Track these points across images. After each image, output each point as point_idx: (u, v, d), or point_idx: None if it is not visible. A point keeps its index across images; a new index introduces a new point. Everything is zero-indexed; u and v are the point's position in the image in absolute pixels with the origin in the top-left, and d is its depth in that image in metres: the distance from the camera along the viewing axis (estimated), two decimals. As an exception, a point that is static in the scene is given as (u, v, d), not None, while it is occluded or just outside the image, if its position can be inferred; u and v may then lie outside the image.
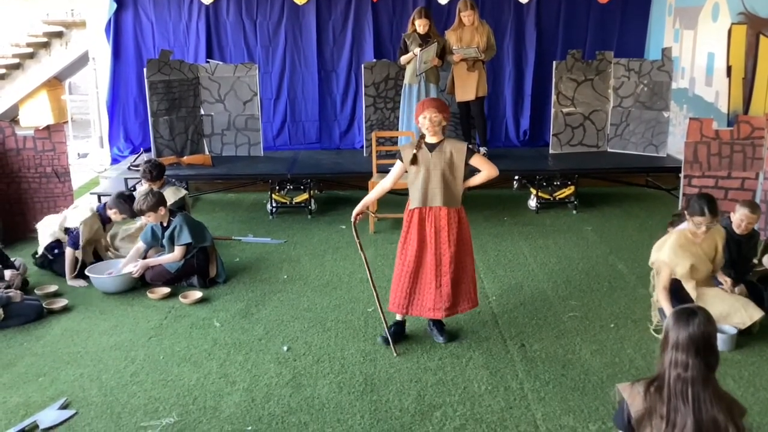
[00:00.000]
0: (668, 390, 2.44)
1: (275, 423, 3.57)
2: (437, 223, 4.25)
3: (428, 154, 4.21)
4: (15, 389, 3.92)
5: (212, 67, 8.21)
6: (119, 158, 9.02)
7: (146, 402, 3.77)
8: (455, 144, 4.26)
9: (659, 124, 7.86)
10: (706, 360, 2.46)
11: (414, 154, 4.19)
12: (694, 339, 2.44)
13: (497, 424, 3.53)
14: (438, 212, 4.25)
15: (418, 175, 4.23)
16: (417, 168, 4.21)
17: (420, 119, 4.18)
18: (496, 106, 9.22)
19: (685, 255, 4.39)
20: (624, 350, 4.30)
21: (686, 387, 2.43)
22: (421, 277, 4.32)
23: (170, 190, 6.13)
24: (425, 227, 4.28)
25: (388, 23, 9.08)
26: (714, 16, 7.46)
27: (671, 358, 2.46)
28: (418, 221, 4.28)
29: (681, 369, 2.44)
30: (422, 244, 4.28)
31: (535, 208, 7.38)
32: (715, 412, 2.40)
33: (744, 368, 4.06)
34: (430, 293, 4.31)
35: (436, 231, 4.26)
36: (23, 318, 4.75)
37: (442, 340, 4.42)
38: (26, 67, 12.02)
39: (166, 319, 4.84)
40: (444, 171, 4.19)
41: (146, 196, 5.31)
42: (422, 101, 4.27)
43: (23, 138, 6.50)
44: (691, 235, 4.45)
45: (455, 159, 4.20)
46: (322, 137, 9.33)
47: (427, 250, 4.28)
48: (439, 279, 4.28)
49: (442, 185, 4.20)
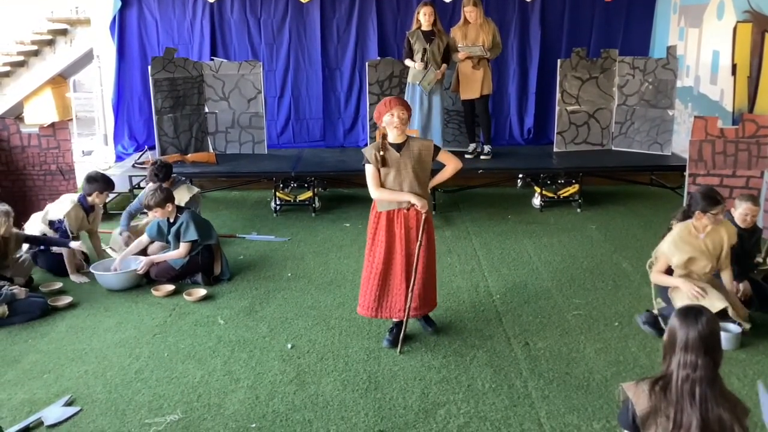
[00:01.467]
0: (676, 390, 2.43)
1: (279, 420, 3.57)
2: (407, 223, 4.19)
3: (396, 154, 4.10)
4: (20, 386, 3.94)
5: (216, 65, 8.22)
6: (124, 156, 9.03)
7: (151, 399, 3.78)
8: (422, 142, 4.20)
9: (664, 122, 7.85)
10: (714, 358, 2.45)
11: (382, 156, 4.07)
12: (704, 338, 2.43)
13: (501, 422, 3.53)
14: (407, 213, 4.18)
15: (387, 178, 4.11)
16: (386, 170, 4.09)
17: (387, 117, 4.04)
18: (500, 104, 9.20)
19: (684, 247, 4.39)
20: (628, 348, 4.30)
21: (694, 387, 2.42)
22: (391, 279, 4.26)
23: (183, 188, 6.17)
24: (394, 228, 4.20)
25: (392, 21, 9.08)
26: (719, 14, 7.44)
27: (680, 360, 2.44)
28: (387, 222, 4.19)
29: (690, 369, 2.42)
30: (391, 245, 4.21)
31: (540, 207, 7.37)
32: (720, 412, 2.40)
33: (749, 367, 4.05)
34: (399, 294, 4.25)
35: (406, 231, 4.19)
36: (28, 315, 4.77)
37: (431, 330, 4.48)
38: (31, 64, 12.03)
39: (170, 317, 4.85)
40: (415, 170, 4.11)
41: (155, 192, 5.33)
42: (388, 99, 4.11)
43: (28, 135, 6.52)
44: (695, 229, 4.44)
45: (424, 157, 4.13)
46: (326, 135, 9.33)
47: (396, 251, 4.21)
48: (410, 279, 4.21)
49: (414, 185, 4.11)
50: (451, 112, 8.21)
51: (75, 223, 5.57)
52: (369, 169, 4.15)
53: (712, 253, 4.45)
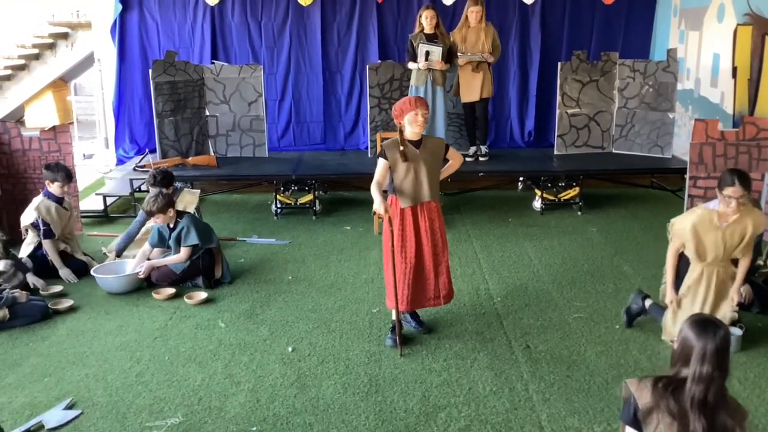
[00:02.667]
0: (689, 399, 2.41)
1: (280, 423, 3.57)
2: (430, 215, 4.37)
3: (415, 151, 4.29)
4: (21, 389, 3.94)
5: (217, 68, 8.23)
6: (124, 159, 9.03)
7: (151, 402, 3.78)
8: (434, 139, 4.54)
9: (664, 125, 7.85)
10: (726, 370, 2.44)
11: (402, 151, 4.24)
12: (720, 352, 2.41)
13: (502, 426, 3.53)
14: (429, 206, 4.36)
15: (408, 174, 4.28)
16: (407, 166, 4.26)
17: (411, 116, 4.21)
18: (501, 106, 9.20)
19: (697, 236, 4.23)
20: (629, 351, 4.30)
21: (706, 397, 2.40)
22: (423, 272, 4.40)
23: (187, 193, 6.18)
24: (419, 223, 4.35)
25: (393, 24, 9.08)
26: (719, 17, 7.44)
27: (695, 371, 2.41)
28: (412, 218, 4.33)
29: (705, 382, 2.40)
30: (420, 239, 4.36)
31: (540, 209, 7.37)
32: (725, 419, 2.40)
33: (749, 370, 4.05)
34: (430, 284, 4.42)
35: (430, 223, 4.37)
36: (29, 318, 4.77)
37: (422, 330, 4.53)
38: (32, 68, 12.03)
39: (171, 320, 4.85)
40: (431, 166, 4.32)
41: (156, 198, 5.33)
42: (411, 98, 4.32)
43: (29, 139, 6.52)
44: (717, 219, 4.21)
45: (437, 154, 4.38)
46: (327, 138, 9.33)
47: (425, 243, 4.36)
48: (437, 268, 4.40)
49: (430, 180, 4.30)
50: (452, 115, 8.21)
51: (48, 215, 5.50)
52: (380, 163, 4.31)
53: (729, 245, 4.23)
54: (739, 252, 4.31)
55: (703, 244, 4.28)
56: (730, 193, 4.11)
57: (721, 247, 4.25)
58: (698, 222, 4.26)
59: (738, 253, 4.31)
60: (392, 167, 4.27)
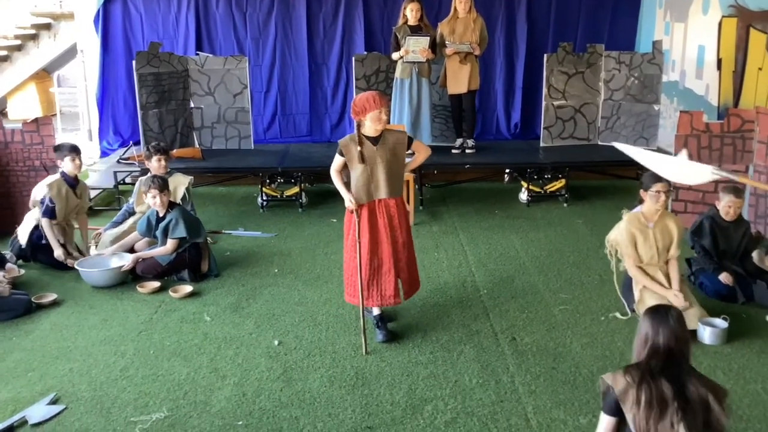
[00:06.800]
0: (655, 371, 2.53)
1: (266, 417, 3.56)
2: (388, 212, 4.33)
3: (372, 148, 4.25)
4: (3, 384, 3.90)
5: (202, 60, 8.16)
6: (108, 151, 8.96)
7: (136, 397, 3.75)
8: (396, 133, 4.39)
9: (650, 117, 7.87)
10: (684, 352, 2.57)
11: (360, 152, 4.20)
12: (675, 333, 2.54)
13: (488, 418, 3.53)
14: (387, 202, 4.32)
15: (363, 173, 4.26)
16: (363, 166, 4.24)
17: (375, 114, 4.15)
18: (487, 98, 9.20)
19: (632, 235, 4.51)
20: (615, 343, 4.32)
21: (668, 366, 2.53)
22: (379, 268, 4.35)
23: (179, 175, 6.17)
24: (377, 218, 4.32)
25: (378, 15, 9.06)
26: (704, 8, 7.47)
27: (652, 345, 2.55)
28: (368, 214, 4.31)
29: (664, 354, 2.53)
30: (376, 235, 4.32)
31: (526, 201, 7.38)
32: (695, 386, 2.51)
33: (734, 361, 4.08)
34: (389, 281, 4.36)
35: (389, 219, 4.33)
36: (12, 312, 4.72)
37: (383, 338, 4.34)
38: (14, 59, 11.89)
39: (156, 314, 4.82)
40: (390, 162, 4.26)
41: (154, 178, 5.40)
42: (374, 95, 4.20)
43: (11, 131, 6.45)
44: (644, 218, 4.54)
45: (398, 149, 4.30)
46: (313, 130, 9.31)
47: (383, 239, 4.32)
48: (398, 265, 4.36)
49: (388, 177, 4.26)
50: (438, 106, 8.20)
51: (58, 196, 5.51)
52: (337, 158, 4.35)
53: (661, 246, 4.52)
54: (673, 251, 4.55)
55: (639, 248, 4.51)
56: (660, 188, 4.43)
57: (654, 248, 4.51)
58: (631, 224, 4.55)
59: (672, 253, 4.55)
60: (348, 164, 4.29)
